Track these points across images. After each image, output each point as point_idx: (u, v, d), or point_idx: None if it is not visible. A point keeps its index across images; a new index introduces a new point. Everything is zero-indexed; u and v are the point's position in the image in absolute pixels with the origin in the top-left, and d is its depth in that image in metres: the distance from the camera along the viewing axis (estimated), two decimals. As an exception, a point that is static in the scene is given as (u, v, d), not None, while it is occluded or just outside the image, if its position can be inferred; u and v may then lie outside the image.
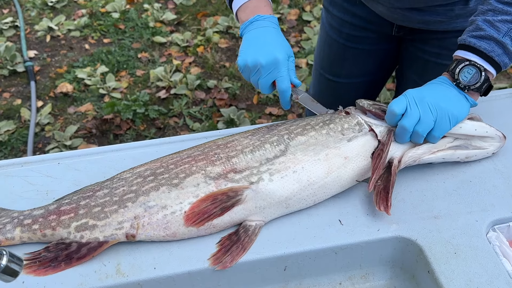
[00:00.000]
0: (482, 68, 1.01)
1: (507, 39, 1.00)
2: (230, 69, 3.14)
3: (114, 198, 0.94)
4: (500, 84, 2.94)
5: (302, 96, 1.14)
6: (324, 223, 0.96)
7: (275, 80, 1.10)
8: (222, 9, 3.72)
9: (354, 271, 0.97)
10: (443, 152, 1.04)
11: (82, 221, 0.91)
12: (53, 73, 3.16)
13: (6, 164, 1.09)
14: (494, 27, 1.01)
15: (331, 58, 1.55)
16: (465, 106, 1.03)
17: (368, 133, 1.02)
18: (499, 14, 1.01)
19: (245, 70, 1.12)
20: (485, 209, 0.98)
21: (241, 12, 1.16)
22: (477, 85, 1.02)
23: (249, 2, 1.15)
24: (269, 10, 1.16)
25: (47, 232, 0.91)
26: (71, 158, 1.11)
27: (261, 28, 1.13)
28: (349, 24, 1.44)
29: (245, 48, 1.12)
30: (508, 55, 1.02)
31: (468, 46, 1.03)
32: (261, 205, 0.94)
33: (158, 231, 0.91)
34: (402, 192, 1.02)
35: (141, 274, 0.88)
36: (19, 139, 2.69)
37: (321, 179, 0.96)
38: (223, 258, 0.89)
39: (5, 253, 0.64)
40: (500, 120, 1.17)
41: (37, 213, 0.94)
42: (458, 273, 0.87)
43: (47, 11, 3.74)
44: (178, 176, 0.95)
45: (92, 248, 0.90)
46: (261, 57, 1.08)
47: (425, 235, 0.93)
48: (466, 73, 1.02)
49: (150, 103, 2.89)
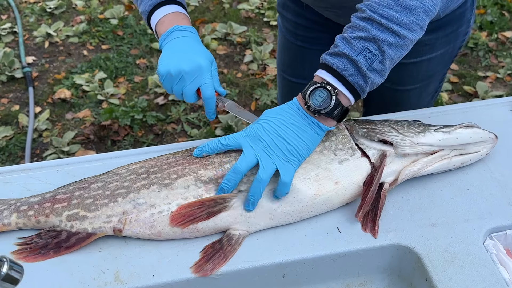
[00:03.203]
0: (333, 91, 0.92)
1: (361, 58, 0.90)
2: (228, 75, 3.14)
3: (107, 192, 0.96)
4: (497, 92, 2.95)
5: (228, 103, 1.11)
6: (322, 231, 0.96)
7: (200, 87, 1.07)
8: (220, 16, 3.73)
9: (352, 278, 0.98)
10: (439, 163, 1.04)
11: (73, 211, 0.94)
12: (51, 79, 3.17)
13: (5, 170, 1.10)
14: (349, 44, 0.91)
15: (291, 60, 1.55)
16: (312, 135, 0.95)
17: (361, 158, 1.00)
18: (355, 31, 0.92)
19: (168, 78, 1.07)
20: (482, 217, 0.98)
21: (160, 26, 1.14)
22: (327, 109, 0.92)
23: (167, 16, 1.13)
24: (187, 22, 1.14)
25: (40, 218, 0.95)
26: (70, 165, 1.11)
27: (180, 38, 1.10)
28: (303, 26, 1.44)
29: (166, 57, 1.08)
30: (363, 76, 0.91)
31: (324, 64, 0.94)
32: (246, 213, 0.95)
33: (144, 228, 0.93)
34: (400, 200, 1.02)
35: (140, 282, 0.88)
36: (17, 145, 2.69)
37: (310, 200, 0.96)
38: (205, 266, 0.90)
39: (6, 260, 0.65)
40: (497, 128, 1.17)
41: (33, 200, 0.97)
42: (456, 281, 0.88)
43: (46, 17, 3.75)
44: (170, 177, 0.97)
45: (81, 238, 0.93)
46: (184, 64, 1.05)
47: (423, 243, 0.94)
48: (317, 96, 0.92)
49: (148, 109, 2.89)
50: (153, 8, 1.14)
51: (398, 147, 1.02)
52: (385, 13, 0.89)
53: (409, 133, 1.03)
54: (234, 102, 1.12)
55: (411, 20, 0.90)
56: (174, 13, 1.14)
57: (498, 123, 1.19)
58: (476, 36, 3.37)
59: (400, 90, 1.43)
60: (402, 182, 1.03)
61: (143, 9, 1.16)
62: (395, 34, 0.90)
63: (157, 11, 1.14)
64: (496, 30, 3.47)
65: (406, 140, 1.02)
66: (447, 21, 1.26)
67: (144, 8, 1.16)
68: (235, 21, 3.64)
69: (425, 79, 1.41)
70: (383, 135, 1.02)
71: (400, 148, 1.01)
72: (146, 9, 1.15)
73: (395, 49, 0.91)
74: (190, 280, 0.89)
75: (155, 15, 1.14)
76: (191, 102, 1.10)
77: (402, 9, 0.89)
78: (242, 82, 3.12)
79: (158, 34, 1.15)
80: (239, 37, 3.50)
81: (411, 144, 1.01)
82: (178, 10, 1.15)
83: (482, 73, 3.14)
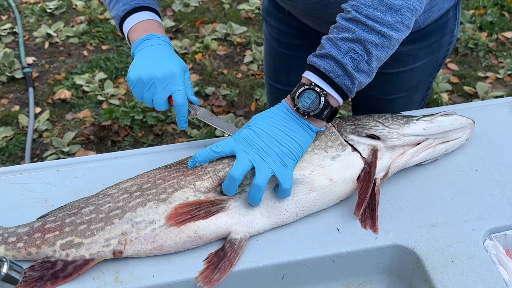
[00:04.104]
0: (322, 93, 0.92)
1: (347, 60, 0.89)
2: (228, 76, 3.15)
3: (100, 215, 0.92)
4: (497, 92, 2.96)
5: (200, 111, 1.09)
6: (322, 231, 0.97)
7: (172, 94, 1.05)
8: (220, 17, 3.73)
9: (352, 279, 0.98)
10: (425, 153, 1.07)
11: (67, 239, 0.90)
12: (51, 79, 3.17)
13: (5, 171, 1.10)
14: (335, 46, 0.90)
15: (277, 67, 1.53)
16: (305, 135, 0.95)
17: (352, 154, 1.01)
18: (341, 32, 0.91)
19: (138, 85, 1.05)
20: (482, 217, 0.98)
21: (133, 33, 1.11)
22: (316, 111, 0.93)
23: (140, 23, 1.10)
24: (162, 31, 1.12)
25: (32, 250, 0.90)
26: (70, 166, 1.11)
27: (154, 46, 1.08)
28: (285, 33, 1.43)
29: (137, 64, 1.06)
30: (350, 77, 0.91)
31: (311, 65, 0.94)
32: (244, 212, 0.94)
33: (145, 245, 0.90)
34: (400, 201, 1.02)
35: (140, 282, 0.88)
36: (17, 146, 2.69)
37: (304, 194, 0.96)
38: (212, 275, 0.89)
39: (6, 260, 0.65)
40: (496, 128, 1.18)
41: (21, 231, 0.92)
42: (455, 281, 0.88)
43: (46, 17, 3.75)
44: (166, 191, 0.94)
45: (78, 266, 0.88)
46: (156, 71, 1.03)
47: (422, 244, 0.94)
48: (306, 98, 0.92)
49: (148, 110, 2.89)
50: (127, 13, 1.11)
51: (385, 140, 1.03)
52: (370, 13, 0.89)
53: (394, 125, 1.05)
54: (207, 110, 1.10)
55: (396, 20, 0.90)
56: (148, 20, 1.11)
57: (498, 124, 1.19)
58: (476, 37, 3.38)
59: (385, 99, 1.42)
60: (402, 177, 1.04)
61: (115, 14, 1.13)
62: (381, 35, 0.90)
63: (131, 17, 1.11)
64: (496, 31, 3.47)
65: (392, 133, 1.04)
66: (429, 31, 1.25)
67: (116, 13, 1.13)
68: (235, 21, 3.64)
69: (410, 88, 1.41)
70: (370, 129, 1.04)
71: (388, 141, 1.03)
72: (119, 14, 1.12)
73: (381, 49, 0.91)
74: (190, 281, 0.89)
75: (128, 21, 1.11)
76: (161, 110, 1.08)
77: (387, 9, 0.89)
78: (242, 82, 3.12)
79: (130, 41, 1.12)
80: (239, 38, 3.50)
81: (398, 136, 1.04)
82: (153, 17, 1.12)
83: (482, 73, 3.14)
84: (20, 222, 0.98)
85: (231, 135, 0.98)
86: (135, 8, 1.11)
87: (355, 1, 0.91)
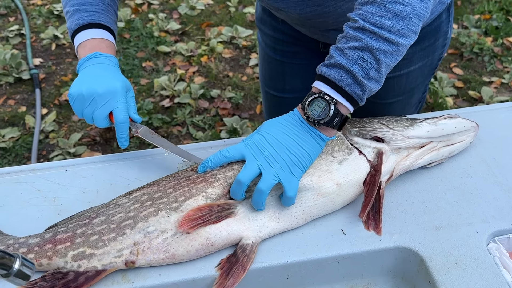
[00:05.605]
0: (331, 101, 0.92)
1: (357, 68, 0.90)
2: (233, 79, 3.16)
3: (112, 225, 0.92)
4: (502, 97, 2.96)
5: (142, 129, 1.08)
6: (327, 233, 0.97)
7: (112, 111, 1.04)
8: (226, 20, 3.75)
9: (356, 280, 0.98)
10: (429, 155, 1.07)
11: (79, 250, 0.89)
12: (58, 80, 3.19)
13: (15, 170, 1.11)
14: (344, 55, 0.91)
15: (272, 74, 1.53)
16: (314, 145, 0.95)
17: (359, 157, 1.02)
18: (349, 41, 0.91)
19: (79, 100, 1.04)
20: (486, 220, 0.99)
21: (81, 49, 1.10)
22: (326, 119, 0.92)
23: (90, 41, 1.10)
24: (111, 51, 1.11)
25: (43, 261, 0.89)
26: (78, 166, 1.13)
27: (98, 64, 1.07)
28: (280, 41, 1.43)
29: (79, 80, 1.05)
30: (360, 85, 0.91)
31: (321, 75, 0.94)
32: (253, 217, 0.95)
33: (158, 254, 0.90)
34: (404, 203, 1.03)
35: (146, 281, 0.90)
36: (23, 146, 2.71)
37: (312, 201, 0.97)
38: (226, 282, 0.89)
39: (18, 256, 0.66)
40: (501, 132, 1.18)
41: (32, 242, 0.91)
42: (459, 284, 0.88)
43: (53, 19, 3.78)
44: (178, 200, 0.94)
45: (90, 277, 0.88)
46: (97, 86, 1.03)
47: (427, 246, 0.94)
48: (316, 107, 0.92)
49: (154, 112, 2.91)
50: (79, 28, 1.11)
51: (390, 143, 1.04)
52: (377, 21, 0.90)
53: (398, 128, 1.06)
54: (148, 128, 1.09)
55: (403, 26, 0.91)
56: (99, 39, 1.11)
57: (502, 127, 1.20)
58: (481, 42, 3.38)
59: (382, 104, 1.43)
60: (407, 180, 1.05)
61: (69, 25, 1.13)
62: (389, 42, 0.90)
63: (82, 32, 1.11)
64: (501, 36, 3.47)
65: (397, 135, 1.04)
66: (422, 35, 1.25)
67: (70, 25, 1.12)
68: (241, 24, 3.66)
69: (407, 92, 1.41)
70: (375, 132, 1.05)
71: (392, 143, 1.04)
72: (72, 27, 1.12)
73: (390, 56, 0.91)
74: (196, 280, 0.90)
75: (79, 36, 1.11)
76: (101, 127, 1.07)
77: (394, 17, 0.90)
78: (247, 85, 3.13)
79: (78, 57, 1.12)
80: (244, 41, 3.52)
81: (402, 138, 1.05)
82: (104, 36, 1.12)
83: (487, 78, 3.14)
84: (28, 220, 1.00)
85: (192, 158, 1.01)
86: (88, 24, 1.11)
87: (362, 10, 0.92)
